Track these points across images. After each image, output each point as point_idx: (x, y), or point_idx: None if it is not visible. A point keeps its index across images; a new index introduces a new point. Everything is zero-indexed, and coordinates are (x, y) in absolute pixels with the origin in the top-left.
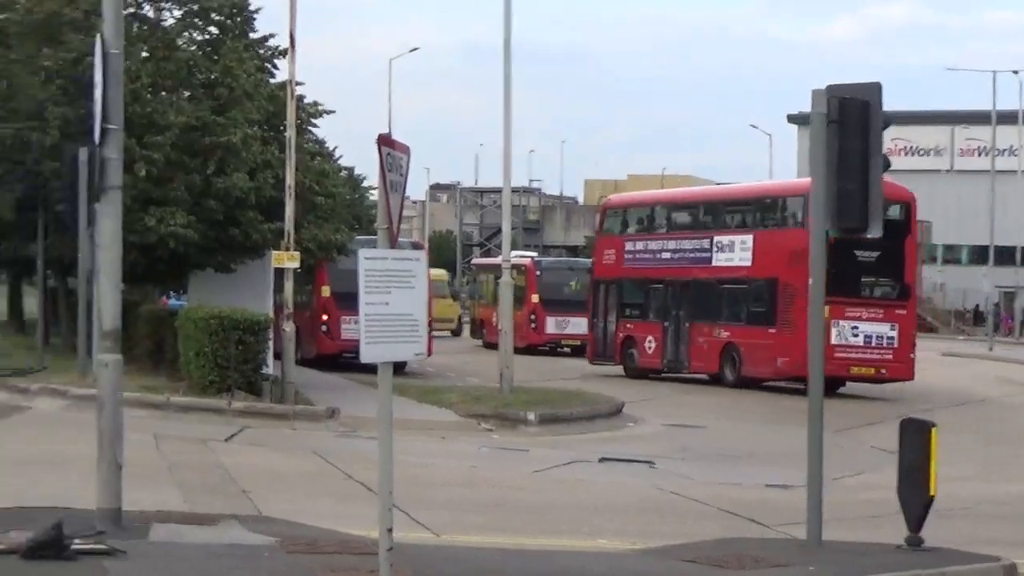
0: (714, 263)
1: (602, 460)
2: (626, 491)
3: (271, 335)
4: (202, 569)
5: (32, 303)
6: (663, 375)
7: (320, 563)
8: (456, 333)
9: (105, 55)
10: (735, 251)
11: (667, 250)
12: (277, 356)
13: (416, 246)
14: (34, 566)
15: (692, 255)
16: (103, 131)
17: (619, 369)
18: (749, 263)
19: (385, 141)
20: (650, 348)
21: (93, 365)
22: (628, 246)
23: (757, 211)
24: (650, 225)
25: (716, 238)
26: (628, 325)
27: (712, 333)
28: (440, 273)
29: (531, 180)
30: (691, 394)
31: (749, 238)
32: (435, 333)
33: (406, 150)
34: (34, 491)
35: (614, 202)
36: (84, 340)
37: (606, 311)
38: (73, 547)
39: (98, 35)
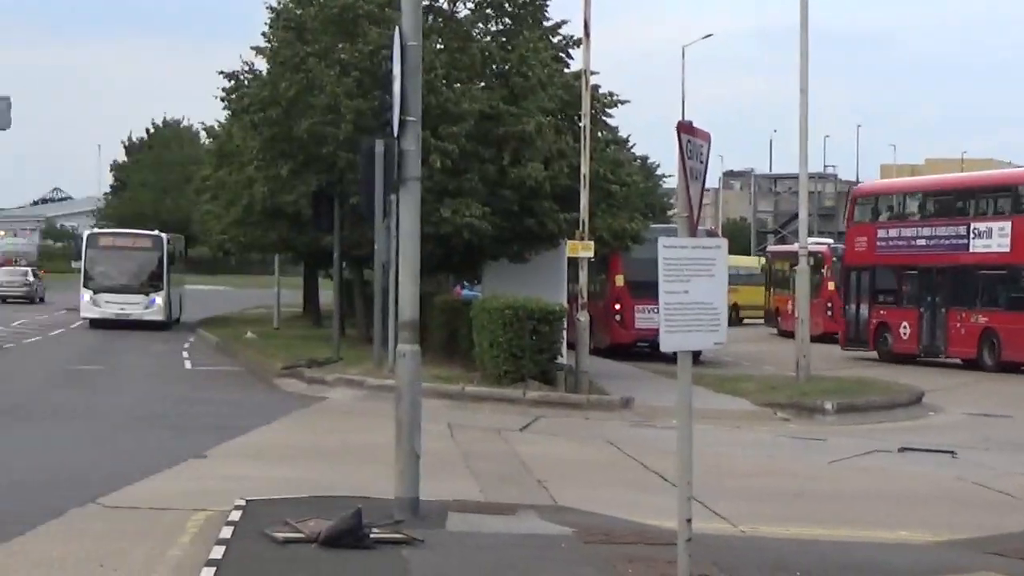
0: (971, 249)
1: (902, 450)
2: (927, 482)
3: (565, 325)
4: (500, 559)
5: (327, 295)
6: (918, 360)
7: (617, 553)
8: None
9: (403, 48)
10: (992, 237)
11: (921, 237)
12: (570, 346)
13: (711, 234)
14: (333, 554)
15: (947, 242)
16: (401, 123)
17: (872, 354)
18: (1008, 249)
19: (685, 128)
20: (905, 334)
21: (388, 356)
22: (880, 233)
23: (1015, 197)
24: (902, 213)
25: (973, 225)
26: (881, 311)
27: (970, 319)
28: (754, 261)
29: (826, 166)
30: (996, 382)
31: (1007, 224)
32: (748, 320)
33: (707, 137)
34: (332, 480)
35: (864, 190)
36: (379, 331)
37: (858, 298)
38: (372, 536)
39: (396, 28)
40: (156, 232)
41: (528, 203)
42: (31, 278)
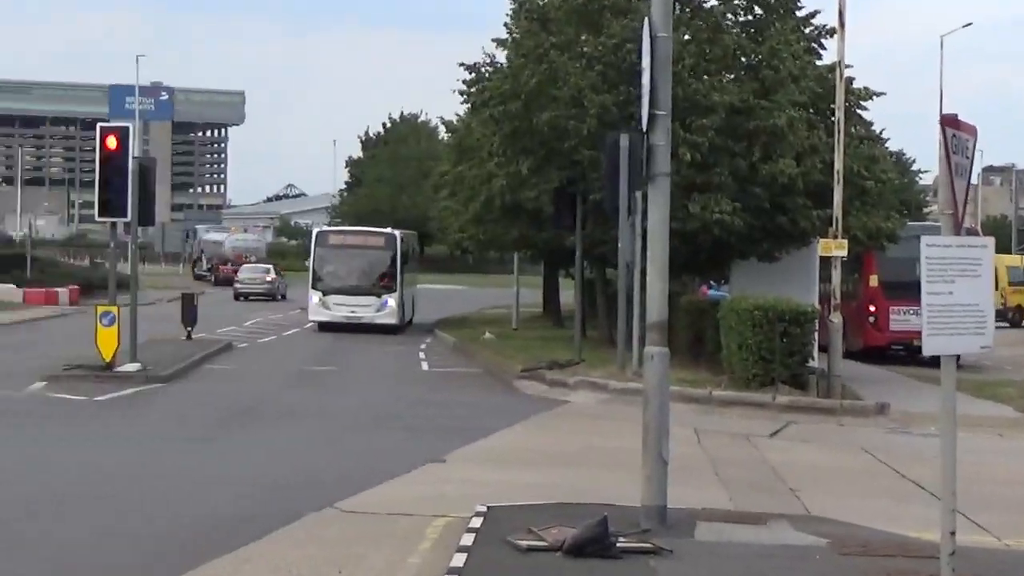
0: None
1: None
2: None
3: (817, 326)
4: (751, 570)
5: (568, 295)
6: None
7: (874, 566)
8: None
9: (653, 39)
10: None
11: None
12: (821, 348)
13: (970, 232)
14: (578, 563)
15: None
16: (651, 117)
17: None
18: None
19: (950, 122)
20: None
21: (633, 358)
22: None
23: None
24: None
25: None
26: None
27: None
28: (1018, 261)
29: None
30: None
31: None
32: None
33: (972, 131)
34: (575, 486)
35: None
36: (623, 332)
37: None
38: (618, 545)
39: (645, 19)
40: (389, 230)
41: (780, 200)
42: (272, 275)
